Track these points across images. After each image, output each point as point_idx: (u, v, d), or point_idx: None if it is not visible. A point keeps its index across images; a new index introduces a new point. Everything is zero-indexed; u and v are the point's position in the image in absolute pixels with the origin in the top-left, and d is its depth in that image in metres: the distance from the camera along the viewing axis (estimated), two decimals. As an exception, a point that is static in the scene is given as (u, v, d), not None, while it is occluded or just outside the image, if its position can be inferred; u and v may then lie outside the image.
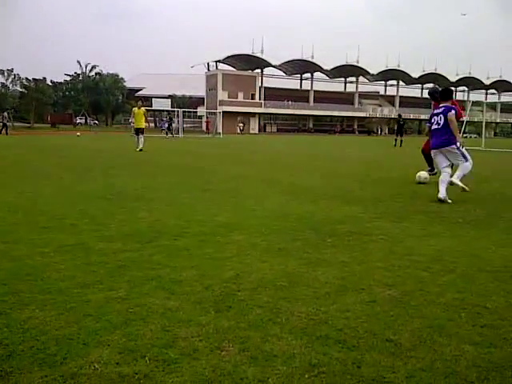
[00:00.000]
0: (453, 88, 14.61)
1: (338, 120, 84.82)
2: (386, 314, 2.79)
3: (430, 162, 9.94)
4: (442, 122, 7.54)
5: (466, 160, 7.44)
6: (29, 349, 2.31)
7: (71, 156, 15.70)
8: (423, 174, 9.50)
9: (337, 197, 7.38)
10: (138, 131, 19.32)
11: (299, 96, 79.48)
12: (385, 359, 2.26)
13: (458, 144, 7.52)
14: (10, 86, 68.63)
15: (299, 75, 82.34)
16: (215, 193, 7.61)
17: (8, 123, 39.53)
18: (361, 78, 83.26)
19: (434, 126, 7.71)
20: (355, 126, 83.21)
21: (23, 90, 67.53)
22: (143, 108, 19.76)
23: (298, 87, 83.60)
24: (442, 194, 7.11)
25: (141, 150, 18.28)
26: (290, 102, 76.07)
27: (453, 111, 7.48)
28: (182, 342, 2.40)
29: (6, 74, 66.95)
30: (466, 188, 7.39)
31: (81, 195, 7.07)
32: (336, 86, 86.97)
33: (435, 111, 7.87)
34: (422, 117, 79.62)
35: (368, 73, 80.00)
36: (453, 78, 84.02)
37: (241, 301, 2.95)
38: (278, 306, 2.88)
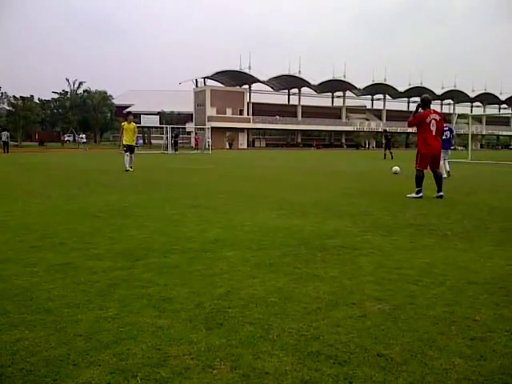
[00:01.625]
0: (438, 101, 14.97)
1: (325, 134, 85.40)
2: (376, 328, 2.80)
3: (421, 182, 9.49)
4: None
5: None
6: (19, 371, 2.28)
7: (59, 174, 15.63)
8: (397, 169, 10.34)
9: (326, 211, 7.41)
10: (130, 149, 17.32)
11: (287, 111, 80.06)
12: (376, 374, 2.26)
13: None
14: (-3, 104, 68.38)
15: (287, 90, 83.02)
16: (204, 209, 7.61)
17: (13, 142, 40.89)
18: (348, 93, 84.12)
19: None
20: (343, 140, 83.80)
21: (11, 108, 67.28)
22: (133, 123, 17.71)
23: (286, 102, 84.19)
24: None
25: (130, 168, 16.92)
26: (278, 117, 76.55)
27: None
28: (174, 360, 2.39)
29: (-8, 92, 66.67)
30: None
31: (69, 213, 7.03)
32: (323, 100, 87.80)
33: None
34: (409, 130, 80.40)
35: (355, 87, 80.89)
36: (439, 92, 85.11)
37: (232, 318, 2.95)
38: (270, 322, 2.88)
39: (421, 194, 9.35)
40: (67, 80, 77.85)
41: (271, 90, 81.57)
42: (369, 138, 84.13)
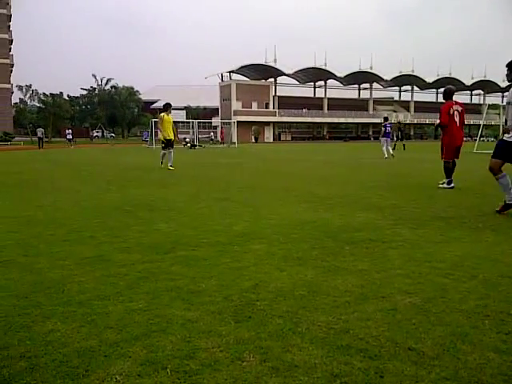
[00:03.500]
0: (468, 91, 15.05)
1: (352, 127, 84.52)
2: (407, 322, 2.76)
3: (451, 173, 9.50)
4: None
5: None
6: (51, 361, 2.32)
7: (88, 169, 15.87)
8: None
9: (353, 203, 7.34)
10: (169, 144, 15.14)
11: (313, 104, 79.55)
12: (408, 368, 2.22)
13: None
14: (29, 101, 69.88)
15: (313, 83, 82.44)
16: (231, 202, 7.62)
17: (45, 138, 42.70)
18: (375, 85, 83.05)
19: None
20: (370, 133, 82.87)
21: (41, 105, 68.66)
22: (161, 114, 15.39)
23: (312, 95, 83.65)
24: None
25: (170, 167, 14.72)
26: (304, 110, 76.15)
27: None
28: (203, 352, 2.39)
29: (24, 89, 68.22)
30: None
31: (98, 207, 7.14)
32: (350, 92, 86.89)
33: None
34: (438, 121, 78.96)
35: (382, 79, 79.78)
36: (468, 82, 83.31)
37: (260, 311, 2.94)
38: (298, 315, 2.86)
39: (452, 185, 9.30)
40: (94, 76, 78.91)
41: (297, 82, 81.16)
42: (396, 129, 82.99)
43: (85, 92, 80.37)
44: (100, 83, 79.25)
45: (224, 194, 8.60)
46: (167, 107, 15.24)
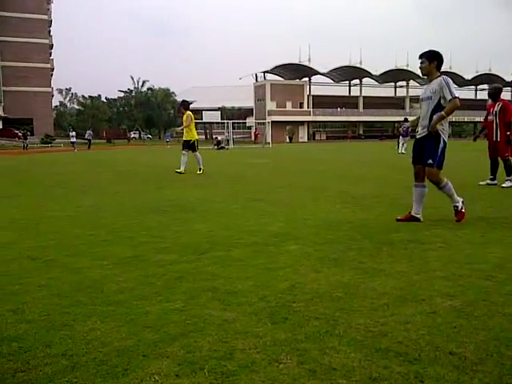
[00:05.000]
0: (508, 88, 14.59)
1: (388, 125, 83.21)
2: (448, 325, 2.69)
3: (495, 169, 9.64)
4: None
5: None
6: (92, 360, 2.36)
7: (126, 170, 16.16)
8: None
9: (390, 204, 7.22)
10: (195, 145, 13.61)
11: (348, 102, 78.83)
12: (449, 373, 2.17)
13: None
14: (68, 104, 71.82)
15: (348, 82, 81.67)
16: (266, 203, 7.62)
17: (92, 139, 44.52)
18: (411, 82, 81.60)
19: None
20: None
21: (80, 107, 70.42)
22: (188, 112, 13.89)
23: (347, 94, 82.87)
24: None
25: (199, 171, 13.41)
26: (339, 109, 75.52)
27: None
28: (240, 354, 2.39)
29: (64, 92, 70.22)
30: None
31: (136, 208, 7.26)
32: (386, 90, 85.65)
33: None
34: (477, 119, 77.05)
35: (418, 76, 78.21)
36: (509, 78, 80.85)
37: (297, 312, 2.93)
38: (335, 317, 2.83)
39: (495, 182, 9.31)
40: (132, 78, 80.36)
41: (332, 81, 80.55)
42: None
43: (122, 94, 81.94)
44: (137, 85, 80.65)
45: (259, 195, 8.60)
46: (189, 105, 14.24)
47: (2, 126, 62.88)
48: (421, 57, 5.66)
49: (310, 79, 75.28)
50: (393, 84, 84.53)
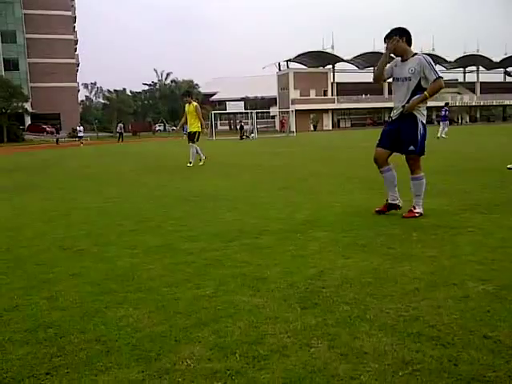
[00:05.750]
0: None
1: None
2: (481, 309, 2.64)
3: None
4: None
5: None
6: (125, 345, 2.40)
7: (152, 162, 16.31)
8: None
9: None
10: (196, 136, 13.16)
11: (373, 89, 77.65)
12: (483, 357, 2.13)
13: None
14: (94, 98, 72.78)
15: (372, 68, 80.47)
16: (292, 191, 7.60)
17: (124, 133, 44.95)
18: (437, 67, 79.88)
19: None
20: (433, 116, 79.99)
21: (105, 101, 71.27)
22: (195, 102, 13.29)
23: (372, 80, 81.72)
24: None
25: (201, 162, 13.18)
26: (364, 96, 74.60)
27: None
28: (271, 338, 2.40)
29: (89, 87, 71.12)
30: None
31: (164, 198, 7.33)
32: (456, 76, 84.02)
33: None
34: (506, 102, 75.24)
35: (445, 60, 76.61)
36: (540, 59, 78.48)
37: (326, 297, 2.92)
38: (366, 302, 2.81)
39: None
40: (155, 71, 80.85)
41: (356, 68, 79.49)
42: (461, 112, 79.71)
43: (146, 87, 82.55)
44: (160, 78, 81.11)
45: (285, 183, 8.58)
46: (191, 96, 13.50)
47: (30, 122, 64.07)
48: (388, 37, 5.16)
49: (333, 66, 74.43)
50: (461, 69, 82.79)
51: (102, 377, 2.12)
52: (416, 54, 5.14)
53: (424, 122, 5.15)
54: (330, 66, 74.31)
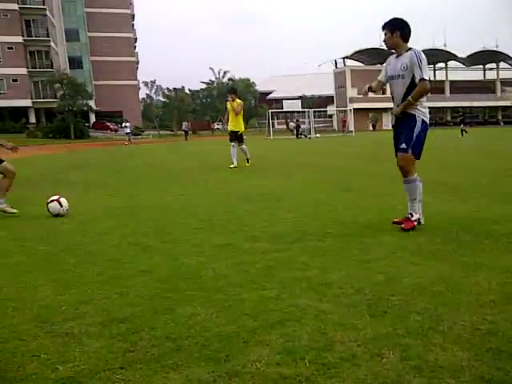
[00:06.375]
0: None
1: (478, 111, 78.57)
2: None
3: None
4: None
5: None
6: (194, 344, 2.43)
7: (214, 160, 16.52)
8: None
9: (490, 194, 6.82)
10: (242, 137, 12.86)
11: (433, 87, 75.19)
12: None
13: None
14: (154, 96, 74.57)
15: (432, 65, 78.03)
16: (355, 192, 7.48)
17: (189, 131, 45.63)
18: (502, 64, 76.31)
19: None
20: (499, 117, 76.58)
21: (165, 99, 72.86)
22: (239, 100, 12.68)
23: (432, 78, 79.19)
24: None
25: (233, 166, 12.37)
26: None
27: None
28: (340, 346, 2.36)
29: (149, 85, 72.88)
30: None
31: (225, 197, 7.41)
32: (474, 74, 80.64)
33: None
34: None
35: (510, 57, 73.08)
36: None
37: (396, 306, 2.84)
38: (438, 313, 2.71)
39: None
40: (212, 70, 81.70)
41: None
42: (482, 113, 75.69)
43: (204, 86, 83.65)
44: (218, 76, 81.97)
45: (345, 184, 8.47)
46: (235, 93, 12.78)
47: (95, 119, 66.49)
48: (383, 28, 4.72)
49: (446, 64, 72.31)
50: (481, 67, 79.46)
51: (173, 375, 2.15)
52: (410, 48, 4.64)
53: (425, 119, 4.70)
54: (443, 64, 72.23)
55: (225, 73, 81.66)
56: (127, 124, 40.83)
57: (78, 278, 3.55)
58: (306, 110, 52.93)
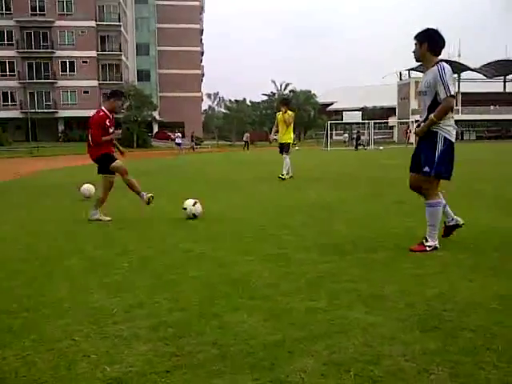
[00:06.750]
0: None
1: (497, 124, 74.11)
2: None
3: None
4: None
5: None
6: (240, 351, 2.45)
7: (266, 170, 16.59)
8: None
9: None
10: (289, 147, 12.56)
11: (502, 99, 72.26)
12: None
13: None
14: (216, 107, 76.12)
15: (502, 77, 74.93)
16: (410, 205, 7.26)
17: (248, 141, 46.65)
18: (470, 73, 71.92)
19: None
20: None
21: (226, 110, 74.13)
22: (290, 111, 12.42)
23: (502, 90, 76.03)
24: None
25: (284, 175, 12.07)
26: (491, 107, 69.60)
27: None
28: (387, 360, 2.31)
29: (212, 97, 74.50)
30: None
31: (277, 207, 7.43)
32: (491, 85, 76.47)
33: None
34: None
35: (468, 67, 68.64)
36: None
37: (448, 322, 2.75)
38: (492, 331, 2.60)
39: None
40: (273, 82, 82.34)
41: (484, 77, 74.47)
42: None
43: (265, 98, 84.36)
44: (279, 88, 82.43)
45: (400, 197, 8.24)
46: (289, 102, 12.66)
47: (157, 129, 68.54)
48: (414, 37, 4.46)
49: (459, 75, 70.41)
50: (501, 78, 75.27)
51: (217, 381, 2.18)
52: (437, 63, 4.34)
53: (449, 137, 4.34)
54: (456, 75, 70.35)
55: (287, 85, 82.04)
56: (178, 134, 40.67)
57: (130, 282, 3.67)
58: (365, 121, 52.18)
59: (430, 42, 4.38)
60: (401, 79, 71.42)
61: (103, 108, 6.74)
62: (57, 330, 2.79)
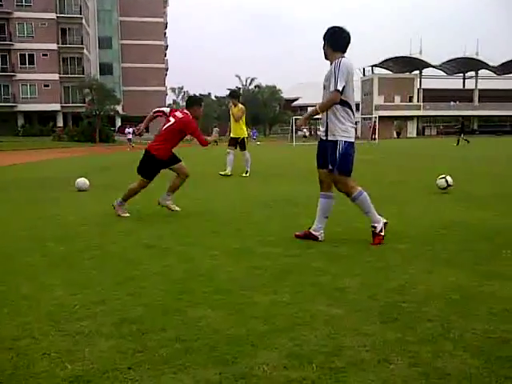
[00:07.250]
0: None
1: (507, 120, 77.15)
2: None
3: None
4: None
5: None
6: (203, 346, 2.45)
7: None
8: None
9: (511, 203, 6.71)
10: (244, 143, 12.05)
11: (462, 96, 74.31)
12: None
13: None
14: (180, 102, 75.46)
15: (462, 74, 77.02)
16: (375, 199, 7.40)
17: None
18: (484, 71, 74.76)
19: None
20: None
21: (190, 105, 73.59)
22: (240, 105, 11.89)
23: (461, 87, 78.14)
24: None
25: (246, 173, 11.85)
26: (452, 103, 71.51)
27: None
28: (348, 351, 2.35)
29: (176, 91, 73.82)
30: None
31: (243, 202, 7.44)
32: (505, 83, 79.21)
33: None
34: None
35: (487, 65, 71.41)
36: None
37: (408, 313, 2.82)
38: (450, 320, 2.68)
39: None
40: (238, 77, 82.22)
41: (444, 74, 76.41)
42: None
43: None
44: (244, 83, 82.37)
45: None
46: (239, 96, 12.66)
47: (120, 124, 67.47)
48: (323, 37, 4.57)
49: (420, 72, 72.04)
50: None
51: (181, 375, 2.17)
52: (339, 58, 4.41)
53: (348, 139, 4.43)
54: (417, 72, 71.97)
55: (252, 80, 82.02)
56: (130, 130, 38.52)
57: (93, 279, 3.61)
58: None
59: (330, 40, 4.49)
60: (364, 75, 72.48)
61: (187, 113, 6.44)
62: (16, 328, 2.72)
